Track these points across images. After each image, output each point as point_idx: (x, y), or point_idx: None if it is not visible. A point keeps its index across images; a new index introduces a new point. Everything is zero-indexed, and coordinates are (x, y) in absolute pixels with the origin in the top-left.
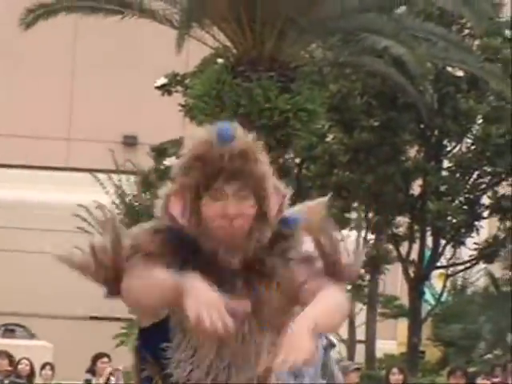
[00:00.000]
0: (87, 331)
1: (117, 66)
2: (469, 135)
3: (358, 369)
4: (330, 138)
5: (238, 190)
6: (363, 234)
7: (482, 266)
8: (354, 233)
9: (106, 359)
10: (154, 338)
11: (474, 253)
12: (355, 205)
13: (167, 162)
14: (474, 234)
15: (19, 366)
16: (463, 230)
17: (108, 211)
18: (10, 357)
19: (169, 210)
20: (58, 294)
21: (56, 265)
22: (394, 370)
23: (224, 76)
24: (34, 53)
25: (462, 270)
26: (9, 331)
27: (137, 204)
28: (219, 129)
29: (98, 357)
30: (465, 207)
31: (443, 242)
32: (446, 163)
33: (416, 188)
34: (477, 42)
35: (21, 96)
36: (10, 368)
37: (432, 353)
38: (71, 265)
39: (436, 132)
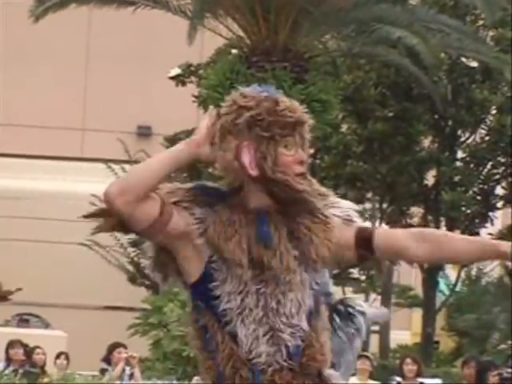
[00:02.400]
0: (102, 321)
1: (131, 56)
2: (483, 126)
3: (365, 356)
4: (343, 128)
5: (300, 140)
6: (377, 224)
7: None
8: (367, 223)
9: (122, 349)
10: (202, 286)
11: None
12: (369, 195)
13: None
14: (488, 225)
15: (34, 356)
16: (477, 221)
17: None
18: (24, 346)
19: (241, 159)
20: (72, 284)
21: (71, 255)
22: (408, 360)
23: (238, 66)
24: (48, 44)
25: None
26: (24, 321)
27: None
28: (267, 89)
29: (114, 346)
30: (479, 198)
31: (457, 232)
32: (460, 154)
33: (430, 178)
34: (491, 33)
35: (35, 87)
36: (24, 357)
37: (446, 343)
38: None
39: (450, 122)
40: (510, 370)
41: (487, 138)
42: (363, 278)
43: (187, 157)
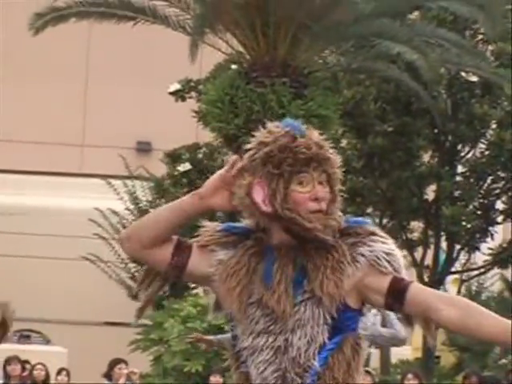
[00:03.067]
0: (102, 337)
1: (130, 71)
2: (483, 140)
3: (367, 371)
4: (343, 143)
5: (320, 177)
6: None
7: (496, 271)
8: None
9: (123, 365)
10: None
11: (489, 258)
12: (369, 210)
13: (181, 167)
14: (488, 239)
15: (34, 372)
16: (477, 235)
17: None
18: (22, 362)
19: (252, 196)
20: (73, 300)
21: (71, 271)
22: (409, 375)
23: (237, 82)
24: (48, 59)
25: (476, 275)
26: (24, 337)
27: (151, 210)
28: (293, 124)
29: (115, 362)
30: (479, 212)
31: (458, 247)
32: (460, 168)
33: (430, 193)
34: (491, 48)
35: (34, 102)
36: (23, 374)
37: (447, 358)
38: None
39: (450, 137)
40: None
41: (487, 152)
42: None
43: (193, 209)
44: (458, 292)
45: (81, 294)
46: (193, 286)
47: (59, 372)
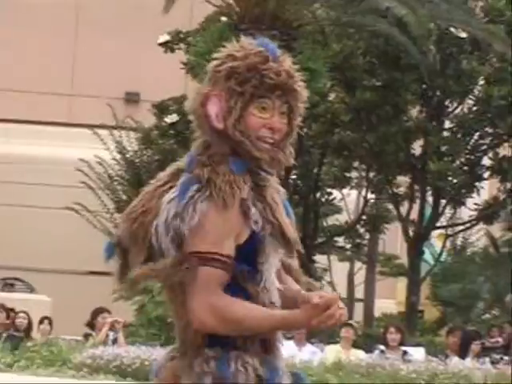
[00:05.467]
0: (86, 286)
1: (119, 22)
2: (471, 96)
3: (349, 324)
4: (331, 97)
5: (282, 106)
6: (363, 193)
7: (481, 226)
8: (354, 192)
9: (106, 314)
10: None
11: (474, 213)
12: (356, 164)
13: (168, 119)
14: (474, 195)
15: (17, 320)
16: (463, 191)
17: None
18: (7, 310)
19: (206, 108)
20: (58, 249)
21: (57, 220)
22: (392, 328)
23: (226, 34)
24: (38, 9)
25: (461, 231)
26: (8, 285)
27: (138, 160)
28: (268, 45)
29: (98, 311)
30: (465, 168)
31: (443, 202)
32: (447, 124)
33: (417, 148)
34: (480, 4)
35: (24, 52)
36: (7, 321)
37: (430, 312)
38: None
39: (438, 92)
40: (492, 340)
41: (475, 108)
42: (349, 246)
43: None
44: (443, 247)
45: (66, 243)
46: None
47: (42, 320)
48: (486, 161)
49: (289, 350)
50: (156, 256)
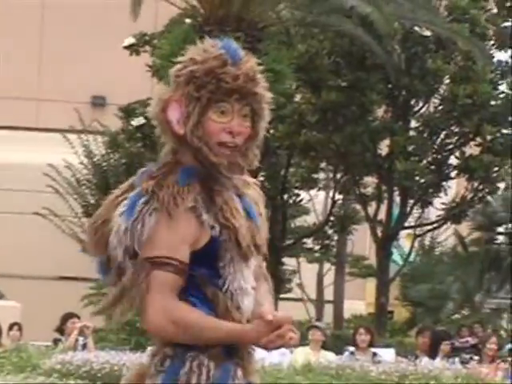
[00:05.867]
0: (56, 291)
1: (85, 26)
2: (436, 95)
3: (316, 326)
4: (297, 98)
5: (242, 110)
6: (331, 194)
7: (449, 225)
8: (322, 193)
9: (75, 319)
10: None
11: (442, 213)
12: (323, 165)
13: (135, 122)
14: (441, 194)
15: None
16: (431, 190)
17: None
18: None
19: (166, 114)
20: (27, 255)
21: (25, 225)
22: (361, 330)
23: (191, 36)
24: (2, 13)
25: (429, 230)
26: None
27: (105, 164)
28: (230, 48)
29: (67, 317)
30: (432, 167)
31: (411, 202)
32: (413, 123)
33: (383, 148)
34: (444, 3)
35: None
36: None
37: (400, 313)
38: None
39: (403, 92)
40: (462, 340)
41: (440, 107)
42: (317, 247)
43: None
44: (412, 247)
45: (35, 248)
46: None
47: (11, 327)
48: (453, 160)
49: (258, 353)
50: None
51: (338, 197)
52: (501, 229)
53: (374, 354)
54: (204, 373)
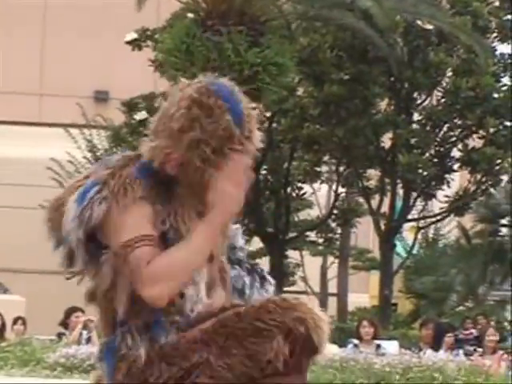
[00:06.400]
0: (60, 285)
1: (87, 21)
2: (439, 88)
3: None
4: (300, 91)
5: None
6: (334, 187)
7: (453, 218)
8: (325, 186)
9: (79, 313)
10: None
11: (445, 205)
12: (326, 158)
13: (138, 116)
14: (444, 187)
15: None
16: (434, 183)
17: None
18: None
19: (165, 167)
20: (30, 249)
21: (29, 219)
22: (365, 322)
23: (194, 30)
24: (4, 9)
25: (433, 223)
26: None
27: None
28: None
29: (71, 311)
30: (435, 160)
31: (414, 194)
32: (416, 116)
33: (386, 141)
34: None
35: None
36: None
37: (404, 305)
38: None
39: (406, 85)
40: (465, 332)
41: (443, 100)
42: (321, 241)
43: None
44: (415, 239)
45: (38, 242)
46: None
47: (15, 321)
48: (456, 152)
49: None
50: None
51: (341, 190)
52: (504, 221)
53: (378, 347)
54: (136, 334)
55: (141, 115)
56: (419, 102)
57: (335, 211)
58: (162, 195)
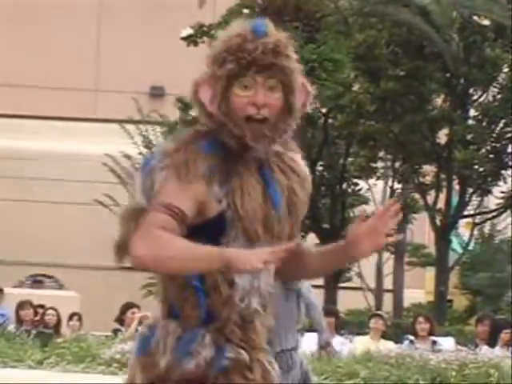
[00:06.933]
0: (116, 281)
1: (144, 16)
2: (495, 84)
3: (379, 315)
4: (356, 87)
5: (267, 81)
6: (390, 183)
7: (509, 214)
8: (380, 182)
9: (135, 309)
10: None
11: (501, 201)
12: (381, 154)
13: (193, 112)
14: (500, 183)
15: (46, 317)
16: (490, 179)
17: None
18: (34, 307)
19: (198, 96)
20: (86, 245)
21: (85, 215)
22: (420, 318)
23: None
24: (61, 5)
25: (489, 219)
26: (37, 282)
27: None
28: (253, 24)
29: (127, 307)
30: (491, 156)
31: (470, 190)
32: (472, 112)
33: (442, 137)
34: None
35: (49, 48)
36: (36, 318)
37: (460, 301)
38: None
39: (462, 81)
40: None
41: (499, 96)
42: None
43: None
44: (471, 235)
45: (94, 238)
46: None
47: (71, 317)
48: None
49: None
50: None
51: (397, 186)
52: None
53: (434, 343)
54: (171, 338)
55: (196, 111)
56: (475, 97)
57: None
58: (224, 173)
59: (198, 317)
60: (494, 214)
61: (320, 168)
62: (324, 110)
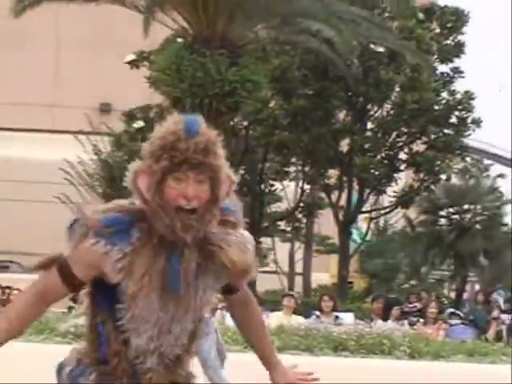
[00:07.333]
0: None
1: (94, 45)
2: (388, 101)
3: (291, 295)
4: (272, 104)
5: (197, 177)
6: (300, 184)
7: (400, 210)
8: (292, 183)
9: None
10: (108, 290)
11: (393, 200)
12: (293, 160)
13: (135, 125)
14: (393, 184)
15: (11, 296)
16: (384, 181)
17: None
18: (3, 288)
19: (137, 184)
20: (47, 235)
21: (47, 211)
22: (325, 297)
23: (182, 53)
24: (23, 34)
25: (383, 214)
26: (4, 267)
27: (111, 160)
28: (186, 123)
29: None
30: (385, 162)
31: (367, 190)
32: (369, 125)
33: (344, 146)
34: (395, 24)
35: (14, 71)
36: (4, 297)
37: (359, 283)
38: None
39: (361, 99)
40: (410, 305)
41: (392, 111)
42: (289, 229)
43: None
44: (368, 228)
45: (54, 230)
46: None
47: None
48: (403, 155)
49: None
50: None
51: (306, 187)
52: (442, 212)
53: (336, 317)
54: (63, 373)
55: (138, 124)
56: (372, 113)
57: (301, 204)
58: (133, 252)
59: (97, 358)
60: (387, 210)
61: (242, 172)
62: (245, 123)
